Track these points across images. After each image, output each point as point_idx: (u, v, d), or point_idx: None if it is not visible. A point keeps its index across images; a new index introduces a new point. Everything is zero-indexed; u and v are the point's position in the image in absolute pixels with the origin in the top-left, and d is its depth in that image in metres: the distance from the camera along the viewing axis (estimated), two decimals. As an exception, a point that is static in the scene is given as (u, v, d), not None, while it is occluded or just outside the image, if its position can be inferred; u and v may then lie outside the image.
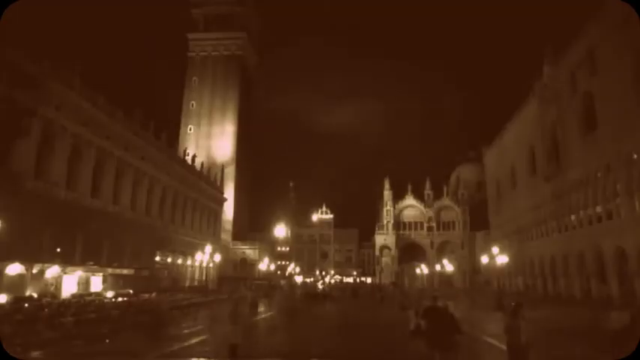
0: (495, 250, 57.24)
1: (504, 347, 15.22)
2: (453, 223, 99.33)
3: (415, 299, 28.53)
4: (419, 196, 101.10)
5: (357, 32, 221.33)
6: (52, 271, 33.40)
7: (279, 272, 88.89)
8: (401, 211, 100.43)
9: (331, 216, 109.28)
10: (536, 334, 18.23)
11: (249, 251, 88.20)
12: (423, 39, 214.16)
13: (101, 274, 39.65)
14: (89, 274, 38.34)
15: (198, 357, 14.63)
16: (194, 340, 17.62)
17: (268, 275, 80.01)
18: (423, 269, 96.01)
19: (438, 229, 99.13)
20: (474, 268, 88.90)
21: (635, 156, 34.79)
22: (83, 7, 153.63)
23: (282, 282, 73.44)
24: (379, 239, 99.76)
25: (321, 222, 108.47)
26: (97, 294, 33.70)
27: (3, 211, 24.85)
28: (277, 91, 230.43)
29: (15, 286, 29.85)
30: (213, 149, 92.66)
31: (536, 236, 56.49)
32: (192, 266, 64.25)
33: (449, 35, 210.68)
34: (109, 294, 33.76)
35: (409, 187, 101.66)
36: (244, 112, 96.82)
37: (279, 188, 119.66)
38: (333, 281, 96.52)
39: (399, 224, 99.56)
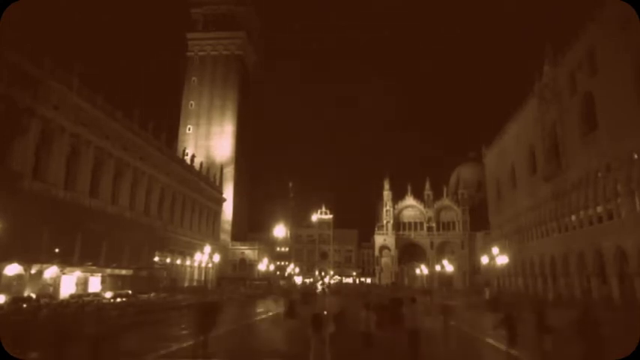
0: (495, 250, 57.20)
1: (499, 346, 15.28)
2: (453, 223, 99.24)
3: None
4: (419, 196, 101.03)
5: (357, 31, 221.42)
6: (51, 271, 33.34)
7: (278, 272, 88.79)
8: (400, 211, 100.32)
9: (331, 216, 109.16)
10: (536, 335, 18.09)
11: (248, 251, 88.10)
12: (424, 38, 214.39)
13: (100, 274, 39.58)
14: (88, 274, 38.27)
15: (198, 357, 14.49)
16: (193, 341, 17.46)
17: (268, 275, 79.90)
18: (422, 269, 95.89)
19: (438, 229, 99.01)
20: (474, 268, 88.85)
21: (636, 156, 34.68)
22: (83, 7, 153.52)
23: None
24: (379, 239, 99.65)
25: (321, 222, 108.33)
26: (96, 294, 33.58)
27: (1, 211, 24.75)
28: (277, 90, 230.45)
29: (13, 286, 29.78)
30: (213, 149, 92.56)
31: (536, 236, 56.36)
32: (191, 266, 64.14)
33: (449, 35, 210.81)
34: (108, 294, 33.67)
35: (409, 187, 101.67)
36: (243, 111, 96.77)
37: (279, 188, 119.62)
38: (332, 282, 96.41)
39: (398, 224, 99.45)
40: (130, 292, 35.82)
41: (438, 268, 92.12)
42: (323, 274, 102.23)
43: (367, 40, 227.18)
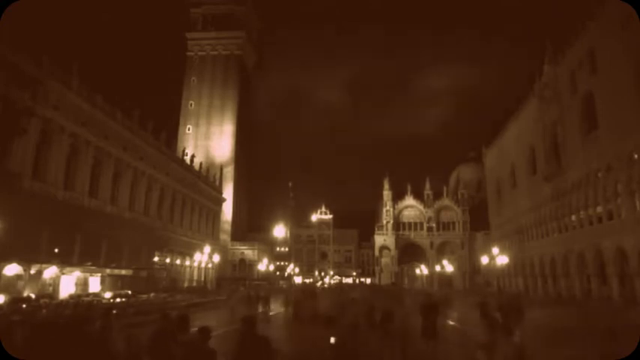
0: (495, 250, 57.18)
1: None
2: (453, 223, 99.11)
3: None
4: (419, 196, 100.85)
5: (356, 32, 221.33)
6: (50, 271, 33.24)
7: (278, 273, 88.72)
8: (400, 211, 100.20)
9: (330, 216, 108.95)
10: (537, 335, 18.15)
11: (248, 252, 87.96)
12: (424, 37, 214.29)
13: (99, 274, 39.49)
14: (87, 274, 38.18)
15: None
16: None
17: (267, 276, 79.81)
18: (422, 270, 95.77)
19: (438, 229, 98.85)
20: (474, 268, 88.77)
21: (636, 156, 34.65)
22: (82, 6, 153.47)
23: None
24: (379, 240, 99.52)
25: (321, 222, 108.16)
26: (95, 294, 33.51)
27: (1, 211, 24.68)
28: (276, 90, 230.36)
29: (13, 286, 29.70)
30: (212, 149, 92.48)
31: (536, 236, 56.31)
32: (190, 267, 64.05)
33: (449, 34, 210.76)
34: (107, 295, 33.58)
35: (409, 187, 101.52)
36: (243, 111, 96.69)
37: (279, 188, 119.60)
38: (332, 282, 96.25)
39: (398, 224, 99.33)
40: (129, 292, 35.72)
41: (437, 268, 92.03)
42: (323, 274, 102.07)
43: (366, 40, 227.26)
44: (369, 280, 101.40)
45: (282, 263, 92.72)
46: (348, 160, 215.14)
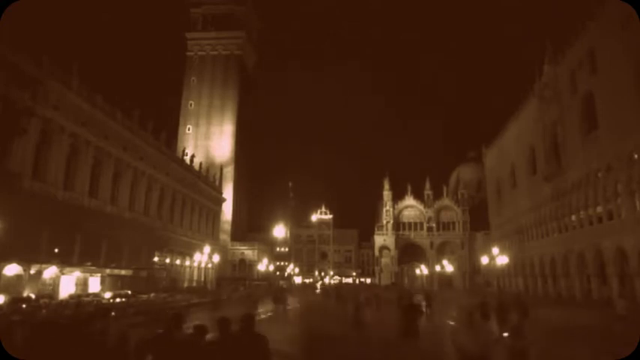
0: (495, 250, 57.17)
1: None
2: (453, 223, 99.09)
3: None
4: (419, 196, 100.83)
5: (356, 30, 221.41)
6: (50, 271, 33.24)
7: (278, 273, 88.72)
8: (400, 211, 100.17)
9: (330, 216, 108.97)
10: (537, 335, 18.13)
11: (248, 252, 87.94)
12: (424, 38, 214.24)
13: (99, 274, 39.48)
14: (87, 274, 38.17)
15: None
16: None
17: (267, 276, 79.80)
18: (422, 270, 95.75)
19: (438, 229, 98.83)
20: (474, 268, 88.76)
21: (636, 156, 34.64)
22: (82, 6, 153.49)
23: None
24: (378, 240, 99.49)
25: (320, 222, 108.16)
26: (95, 295, 33.49)
27: (1, 211, 24.68)
28: (276, 90, 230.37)
29: (12, 286, 29.69)
30: (212, 149, 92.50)
31: (536, 236, 56.30)
32: (190, 267, 64.04)
33: (449, 34, 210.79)
34: (107, 295, 33.56)
35: (409, 187, 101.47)
36: (243, 111, 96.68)
37: (278, 188, 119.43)
38: (332, 282, 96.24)
39: (398, 224, 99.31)
40: (129, 292, 35.69)
41: (438, 268, 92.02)
42: (323, 274, 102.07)
43: (367, 40, 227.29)
44: (369, 280, 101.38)
45: (282, 263, 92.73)
46: (348, 160, 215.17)
